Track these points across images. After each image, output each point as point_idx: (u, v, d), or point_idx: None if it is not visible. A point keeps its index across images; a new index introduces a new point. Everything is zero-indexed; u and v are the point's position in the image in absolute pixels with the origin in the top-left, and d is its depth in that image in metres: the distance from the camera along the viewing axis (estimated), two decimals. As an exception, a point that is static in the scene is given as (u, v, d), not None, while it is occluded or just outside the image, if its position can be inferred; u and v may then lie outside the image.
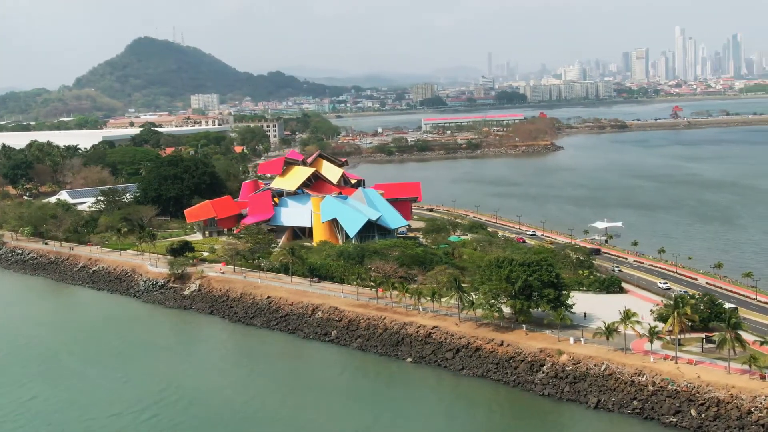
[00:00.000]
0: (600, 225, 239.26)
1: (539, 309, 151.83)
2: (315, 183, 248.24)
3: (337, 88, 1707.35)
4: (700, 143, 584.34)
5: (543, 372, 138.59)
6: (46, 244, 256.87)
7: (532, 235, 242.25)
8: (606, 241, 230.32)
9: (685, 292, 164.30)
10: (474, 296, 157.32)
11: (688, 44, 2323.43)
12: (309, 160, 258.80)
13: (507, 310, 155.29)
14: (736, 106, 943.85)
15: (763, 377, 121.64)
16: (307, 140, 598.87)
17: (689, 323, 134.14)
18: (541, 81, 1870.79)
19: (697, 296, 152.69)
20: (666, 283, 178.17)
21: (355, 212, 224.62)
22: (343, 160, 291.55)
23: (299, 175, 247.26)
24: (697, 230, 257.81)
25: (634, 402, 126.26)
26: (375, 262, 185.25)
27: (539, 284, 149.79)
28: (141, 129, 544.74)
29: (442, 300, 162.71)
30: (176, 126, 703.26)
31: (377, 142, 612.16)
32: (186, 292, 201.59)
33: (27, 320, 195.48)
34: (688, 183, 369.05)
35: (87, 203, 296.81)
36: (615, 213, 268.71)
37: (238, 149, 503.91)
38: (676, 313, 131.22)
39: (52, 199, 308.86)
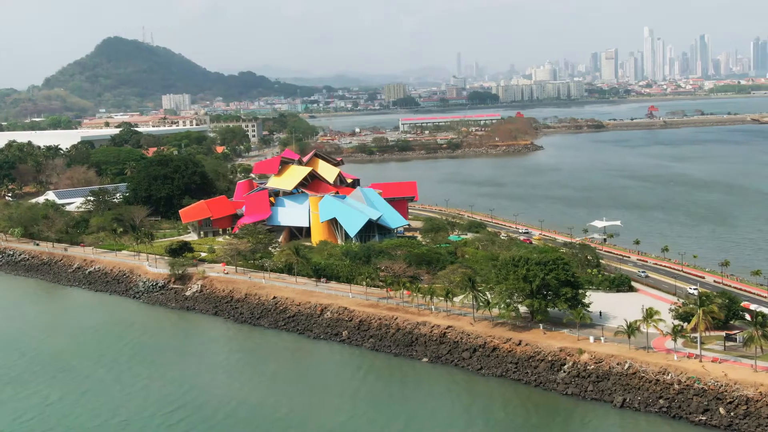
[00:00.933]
0: (599, 224, 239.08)
1: (556, 308, 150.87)
2: (311, 182, 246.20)
3: (308, 88, 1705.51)
4: (680, 143, 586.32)
5: (564, 371, 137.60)
6: (38, 245, 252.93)
7: (525, 233, 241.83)
8: (605, 240, 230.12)
9: (695, 289, 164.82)
10: (489, 295, 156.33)
11: (656, 45, 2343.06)
12: (305, 159, 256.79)
13: (522, 309, 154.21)
14: (707, 106, 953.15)
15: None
16: (286, 140, 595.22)
17: (714, 321, 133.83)
18: (512, 81, 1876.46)
19: (713, 295, 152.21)
20: (696, 288, 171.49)
21: (356, 212, 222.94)
22: (339, 159, 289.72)
23: (296, 174, 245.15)
24: (693, 229, 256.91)
25: (660, 401, 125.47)
26: (384, 261, 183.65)
27: (557, 283, 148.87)
28: (120, 129, 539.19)
29: (456, 300, 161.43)
30: (153, 126, 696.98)
31: (356, 142, 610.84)
32: (188, 293, 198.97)
33: (30, 324, 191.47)
34: (677, 183, 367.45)
35: (75, 203, 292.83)
36: (607, 213, 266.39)
37: (219, 149, 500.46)
38: (702, 311, 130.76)
39: (39, 200, 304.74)
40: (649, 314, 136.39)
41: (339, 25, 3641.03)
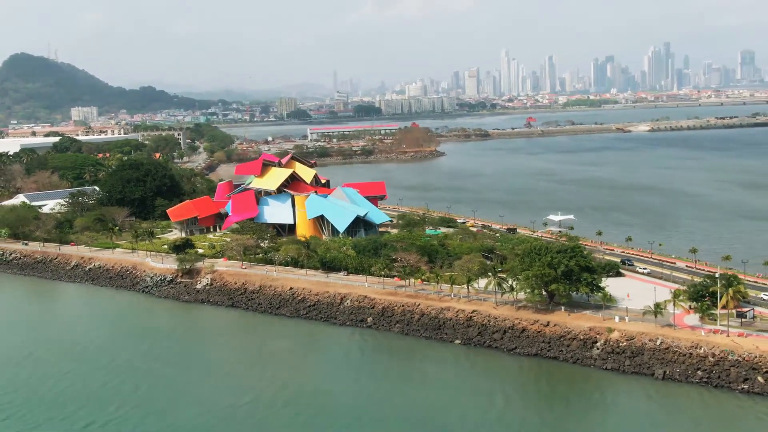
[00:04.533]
0: (555, 218, 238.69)
1: (578, 292, 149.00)
2: (291, 183, 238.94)
3: (205, 102, 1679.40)
4: (577, 150, 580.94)
5: (597, 348, 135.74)
6: (26, 244, 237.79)
7: (482, 227, 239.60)
8: (560, 232, 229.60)
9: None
10: (512, 282, 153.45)
11: (511, 65, 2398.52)
12: (284, 161, 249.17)
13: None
14: (566, 117, 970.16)
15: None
16: (211, 147, 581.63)
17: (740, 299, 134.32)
18: (385, 96, 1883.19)
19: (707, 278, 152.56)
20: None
21: (344, 209, 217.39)
22: (313, 162, 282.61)
23: (278, 175, 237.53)
24: (641, 226, 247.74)
25: (699, 372, 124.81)
26: (398, 252, 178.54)
27: (578, 269, 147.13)
28: (60, 137, 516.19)
29: (479, 286, 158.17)
30: (80, 135, 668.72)
31: (275, 149, 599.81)
32: (198, 286, 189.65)
33: (60, 323, 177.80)
34: (598, 186, 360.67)
35: (48, 206, 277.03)
36: (553, 212, 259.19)
37: (156, 156, 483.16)
38: (731, 291, 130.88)
39: (10, 203, 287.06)
40: (676, 295, 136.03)
41: (224, 44, 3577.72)
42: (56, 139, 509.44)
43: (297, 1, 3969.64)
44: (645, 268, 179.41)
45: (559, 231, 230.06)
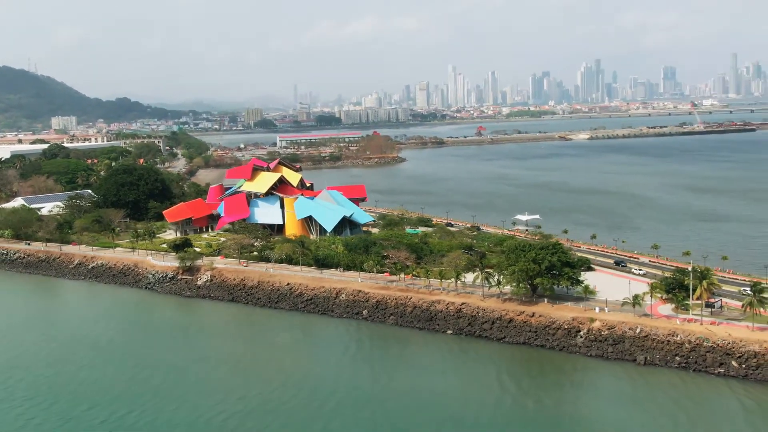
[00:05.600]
0: (522, 218, 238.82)
1: (559, 285, 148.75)
2: (279, 186, 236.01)
3: (177, 112, 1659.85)
4: (528, 157, 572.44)
5: (581, 337, 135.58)
6: (29, 245, 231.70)
7: (448, 225, 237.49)
8: (526, 230, 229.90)
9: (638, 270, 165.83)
10: (499, 276, 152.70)
11: (458, 79, 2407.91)
12: (272, 166, 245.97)
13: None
14: (511, 127, 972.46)
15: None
16: (189, 154, 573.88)
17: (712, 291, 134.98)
18: (343, 108, 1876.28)
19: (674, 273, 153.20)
20: (640, 269, 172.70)
21: (331, 209, 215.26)
22: (298, 166, 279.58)
23: (267, 179, 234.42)
24: (603, 226, 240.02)
25: (677, 358, 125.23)
26: (389, 250, 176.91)
27: (560, 264, 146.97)
28: (49, 144, 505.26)
29: (467, 280, 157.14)
30: (65, 142, 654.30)
31: (249, 155, 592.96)
32: (199, 283, 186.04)
33: (73, 318, 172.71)
34: (556, 189, 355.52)
35: (46, 208, 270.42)
36: (520, 212, 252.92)
37: (140, 161, 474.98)
38: (705, 283, 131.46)
39: (9, 205, 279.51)
40: (654, 287, 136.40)
41: (191, 59, 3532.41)
42: (45, 146, 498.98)
43: (257, 20, 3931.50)
44: (640, 269, 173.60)
45: (526, 229, 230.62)
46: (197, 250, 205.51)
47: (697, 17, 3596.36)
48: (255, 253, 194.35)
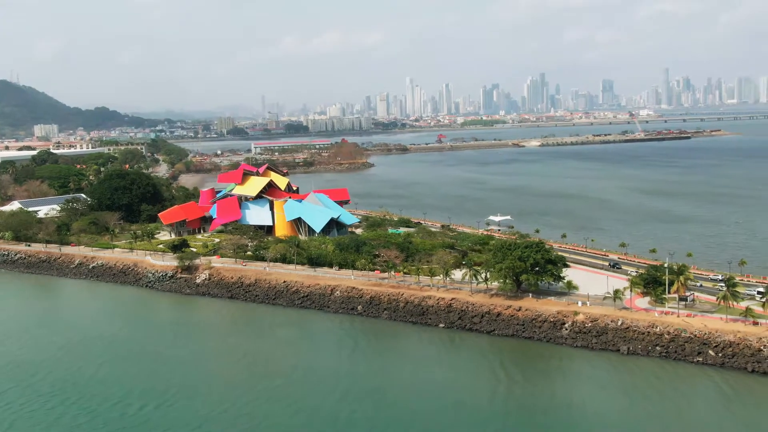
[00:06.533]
0: (495, 218, 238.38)
1: (542, 281, 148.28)
2: (269, 189, 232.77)
3: (153, 121, 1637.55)
4: (489, 163, 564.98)
5: (566, 329, 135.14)
6: (29, 246, 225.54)
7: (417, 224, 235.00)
8: (498, 230, 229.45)
9: (614, 263, 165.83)
10: (486, 273, 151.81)
11: (415, 90, 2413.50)
12: (261, 171, 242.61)
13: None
14: (467, 135, 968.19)
15: (755, 323, 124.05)
16: (170, 160, 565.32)
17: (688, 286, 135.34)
18: (309, 116, 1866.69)
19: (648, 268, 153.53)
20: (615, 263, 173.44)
21: (319, 211, 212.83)
22: (285, 171, 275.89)
23: (257, 183, 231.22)
24: (563, 225, 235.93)
25: (658, 348, 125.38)
26: (380, 249, 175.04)
27: (543, 261, 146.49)
28: (38, 151, 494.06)
29: (455, 277, 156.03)
30: (51, 149, 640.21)
31: (226, 161, 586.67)
32: (198, 281, 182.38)
33: (80, 317, 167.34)
34: (521, 193, 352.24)
35: (42, 211, 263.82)
36: (489, 215, 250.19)
37: (126, 167, 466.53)
38: (682, 278, 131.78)
39: (7, 208, 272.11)
40: (633, 282, 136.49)
41: (163, 72, 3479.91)
42: (33, 152, 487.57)
43: (224, 35, 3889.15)
44: (636, 271, 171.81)
45: (499, 229, 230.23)
46: (194, 250, 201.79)
47: (634, 35, 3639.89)
48: (249, 252, 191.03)
